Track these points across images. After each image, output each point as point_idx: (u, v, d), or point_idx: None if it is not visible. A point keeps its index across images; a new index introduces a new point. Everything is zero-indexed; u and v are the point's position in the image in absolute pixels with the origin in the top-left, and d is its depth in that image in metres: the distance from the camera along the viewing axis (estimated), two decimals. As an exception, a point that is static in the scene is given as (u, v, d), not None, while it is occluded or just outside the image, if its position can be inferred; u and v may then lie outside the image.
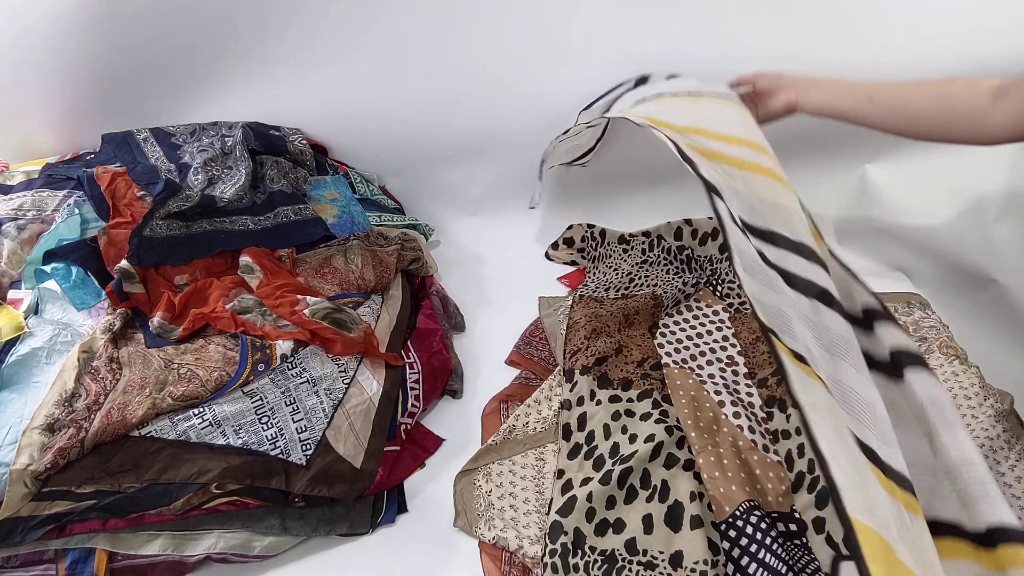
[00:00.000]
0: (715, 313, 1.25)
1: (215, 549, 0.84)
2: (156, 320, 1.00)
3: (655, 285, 1.30)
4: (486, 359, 1.20)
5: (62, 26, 1.29)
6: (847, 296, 0.71)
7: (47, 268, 1.04)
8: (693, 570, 0.80)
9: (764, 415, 1.02)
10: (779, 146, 1.36)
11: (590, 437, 0.98)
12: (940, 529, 0.58)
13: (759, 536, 0.82)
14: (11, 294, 1.02)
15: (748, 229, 0.72)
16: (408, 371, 1.09)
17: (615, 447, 0.95)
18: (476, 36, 1.30)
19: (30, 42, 1.31)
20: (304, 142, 1.42)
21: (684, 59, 1.27)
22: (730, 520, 0.86)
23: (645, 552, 0.82)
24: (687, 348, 1.16)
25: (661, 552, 0.81)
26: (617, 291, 1.29)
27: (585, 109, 1.35)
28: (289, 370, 0.98)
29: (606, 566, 0.81)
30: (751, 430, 0.98)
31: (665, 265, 1.38)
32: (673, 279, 1.33)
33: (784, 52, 1.24)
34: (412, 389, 1.07)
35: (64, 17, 1.28)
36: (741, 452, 0.95)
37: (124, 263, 1.03)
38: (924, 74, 1.18)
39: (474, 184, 1.55)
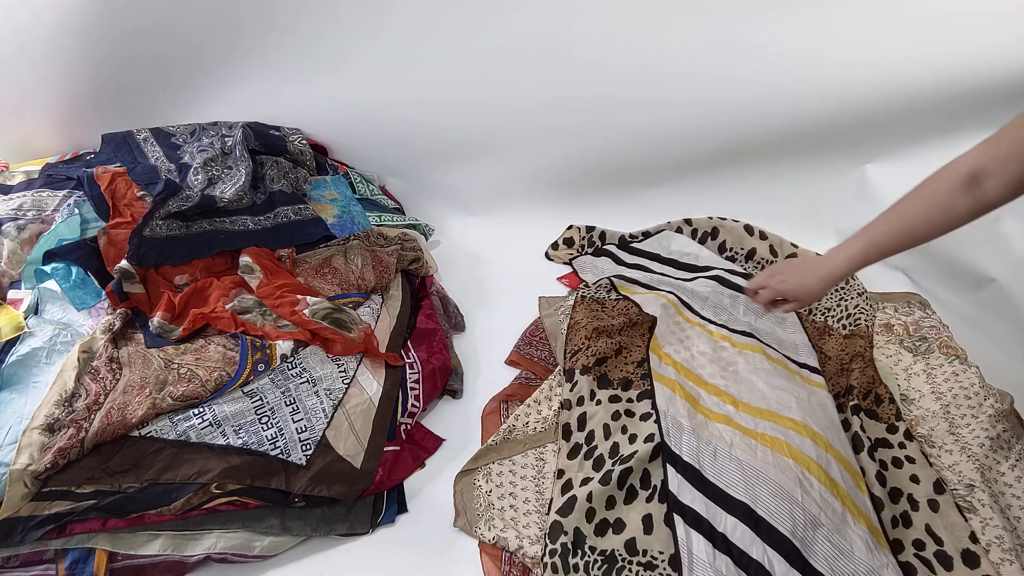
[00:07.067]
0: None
1: (215, 549, 0.84)
2: (156, 320, 1.00)
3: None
4: (486, 359, 1.20)
5: (62, 26, 1.29)
6: None
7: (47, 268, 1.04)
8: (693, 570, 0.80)
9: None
10: (780, 146, 1.38)
11: (590, 437, 0.98)
12: None
13: (759, 536, 0.82)
14: (11, 294, 1.02)
15: None
16: (408, 371, 1.09)
17: (615, 447, 0.95)
18: (476, 37, 1.30)
19: (30, 42, 1.31)
20: (304, 142, 1.42)
21: (679, 57, 1.27)
22: (730, 520, 0.86)
23: (645, 552, 0.82)
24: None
25: (661, 552, 0.81)
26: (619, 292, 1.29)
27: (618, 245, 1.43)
28: (289, 370, 0.98)
29: (606, 566, 0.81)
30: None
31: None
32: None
33: (791, 49, 1.24)
34: (412, 389, 1.07)
35: (64, 18, 1.28)
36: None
37: (124, 263, 1.03)
38: (927, 70, 1.18)
39: (474, 184, 1.55)
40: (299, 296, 1.07)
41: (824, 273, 0.86)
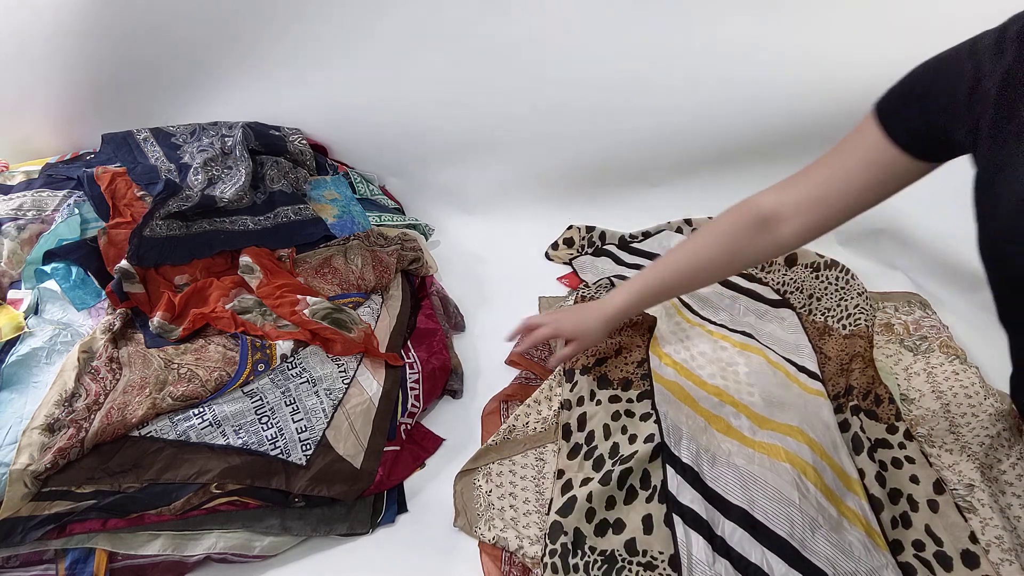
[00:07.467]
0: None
1: (215, 549, 0.84)
2: (156, 320, 1.00)
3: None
4: (486, 359, 1.20)
5: (62, 26, 1.29)
6: None
7: (47, 268, 1.04)
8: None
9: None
10: (779, 146, 1.38)
11: (590, 437, 0.98)
12: None
13: (759, 536, 0.82)
14: (11, 294, 1.02)
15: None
16: (408, 371, 1.09)
17: (615, 447, 0.95)
18: (476, 38, 1.30)
19: (30, 42, 1.31)
20: (304, 142, 1.42)
21: (678, 56, 1.27)
22: (730, 520, 0.86)
23: (645, 552, 0.82)
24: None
25: (661, 552, 0.81)
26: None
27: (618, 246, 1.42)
28: (289, 370, 0.98)
29: (606, 566, 0.81)
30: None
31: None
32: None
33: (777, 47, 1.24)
34: (412, 389, 1.07)
35: (64, 17, 1.28)
36: (741, 452, 0.95)
37: (124, 263, 1.03)
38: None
39: (474, 184, 1.55)
40: (299, 296, 1.07)
41: (602, 313, 0.86)
